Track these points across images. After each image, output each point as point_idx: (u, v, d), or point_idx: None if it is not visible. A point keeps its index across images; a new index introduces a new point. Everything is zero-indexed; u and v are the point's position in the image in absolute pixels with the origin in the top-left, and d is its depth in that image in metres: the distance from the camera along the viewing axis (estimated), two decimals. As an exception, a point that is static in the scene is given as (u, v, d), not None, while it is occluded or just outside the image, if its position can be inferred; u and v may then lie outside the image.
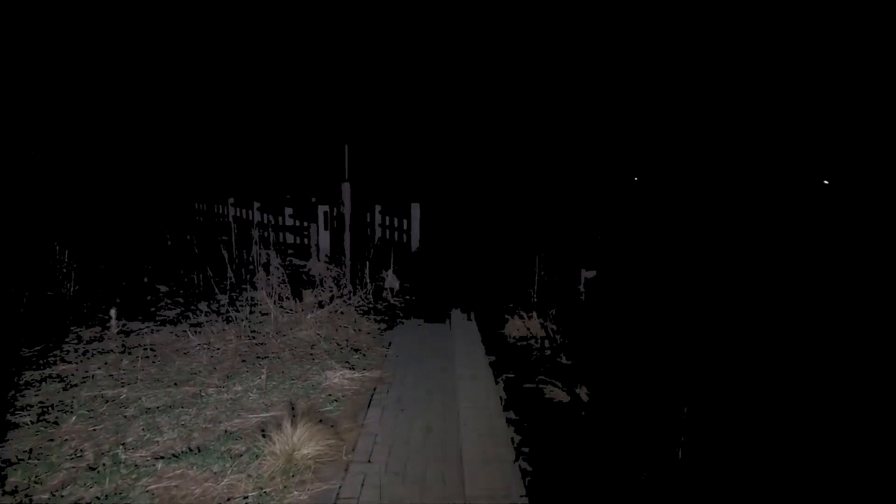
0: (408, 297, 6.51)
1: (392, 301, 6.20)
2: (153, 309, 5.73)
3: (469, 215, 15.20)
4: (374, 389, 3.51)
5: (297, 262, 9.45)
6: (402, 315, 5.66)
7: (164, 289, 6.59)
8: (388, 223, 10.82)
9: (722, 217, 17.01)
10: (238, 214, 12.53)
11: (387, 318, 5.49)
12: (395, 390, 3.50)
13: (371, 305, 5.85)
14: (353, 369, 3.83)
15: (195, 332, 4.64)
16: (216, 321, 4.87)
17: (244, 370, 3.76)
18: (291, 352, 4.21)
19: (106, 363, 3.95)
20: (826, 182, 26.76)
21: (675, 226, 14.91)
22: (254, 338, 4.53)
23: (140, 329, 4.88)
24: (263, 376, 3.55)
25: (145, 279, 7.00)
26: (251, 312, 5.33)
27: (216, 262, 7.60)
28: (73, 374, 3.73)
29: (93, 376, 3.65)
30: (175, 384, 3.52)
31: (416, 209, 10.03)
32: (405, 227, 10.28)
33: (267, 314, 5.20)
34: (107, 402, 3.27)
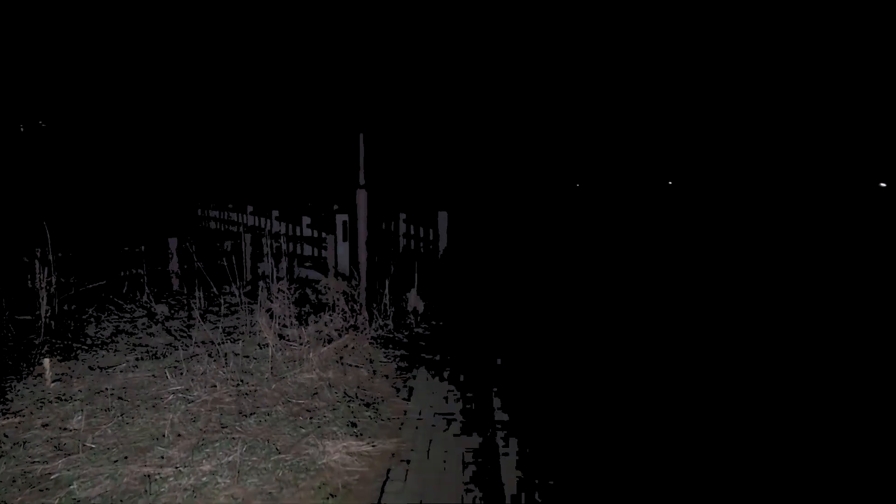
0: (434, 323, 5.59)
1: (416, 329, 5.28)
2: (142, 336, 4.97)
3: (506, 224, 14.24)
4: (388, 473, 2.58)
5: (313, 276, 8.66)
6: (426, 348, 4.73)
7: (161, 311, 5.85)
8: (412, 233, 9.95)
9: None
10: (256, 223, 11.88)
11: (408, 352, 4.57)
12: (416, 474, 2.57)
13: (390, 335, 4.94)
14: (361, 437, 2.91)
15: (176, 372, 3.82)
16: (204, 357, 4.04)
17: (220, 436, 2.89)
18: (286, 405, 3.33)
19: (57, 416, 3.15)
20: (884, 185, 24.89)
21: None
22: (244, 382, 3.67)
23: (118, 365, 4.10)
24: (240, 451, 2.67)
25: (145, 299, 6.28)
26: (247, 344, 4.49)
27: (225, 277, 6.84)
28: (8, 435, 2.93)
29: (25, 442, 2.83)
30: (126, 457, 2.67)
31: (443, 218, 9.13)
32: (431, 238, 9.39)
33: (267, 345, 4.35)
34: (30, 486, 2.45)
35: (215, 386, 3.56)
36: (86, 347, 4.54)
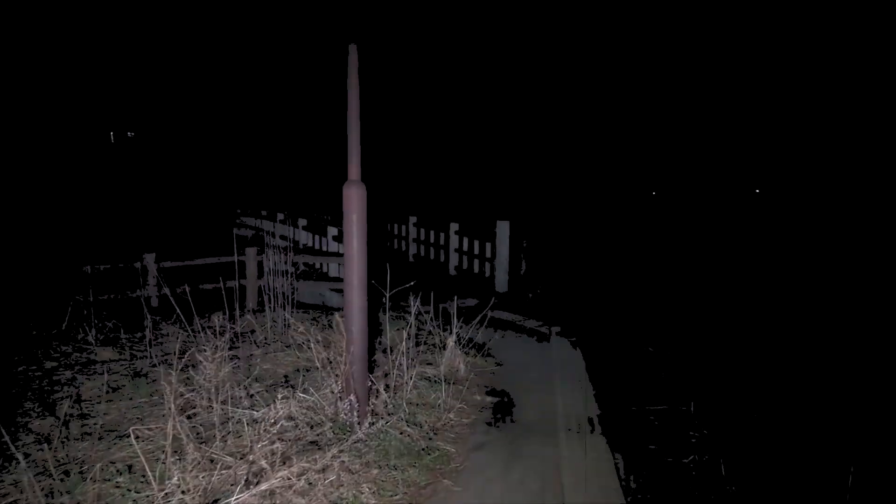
0: (495, 399, 3.51)
1: (448, 413, 3.23)
2: (31, 407, 3.32)
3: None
4: None
5: (338, 301, 6.87)
6: (455, 463, 2.67)
7: (101, 358, 4.23)
8: (466, 248, 7.94)
9: None
10: (288, 234, 10.40)
11: (425, 475, 2.53)
12: None
13: (400, 431, 2.92)
14: None
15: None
16: (41, 485, 2.25)
17: None
18: None
19: None
20: None
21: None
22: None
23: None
24: None
25: (90, 337, 4.68)
26: (154, 439, 2.66)
27: (221, 303, 5.13)
28: None
29: None
30: None
31: (503, 229, 7.05)
32: (488, 255, 7.33)
33: (181, 448, 2.50)
34: None
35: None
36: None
